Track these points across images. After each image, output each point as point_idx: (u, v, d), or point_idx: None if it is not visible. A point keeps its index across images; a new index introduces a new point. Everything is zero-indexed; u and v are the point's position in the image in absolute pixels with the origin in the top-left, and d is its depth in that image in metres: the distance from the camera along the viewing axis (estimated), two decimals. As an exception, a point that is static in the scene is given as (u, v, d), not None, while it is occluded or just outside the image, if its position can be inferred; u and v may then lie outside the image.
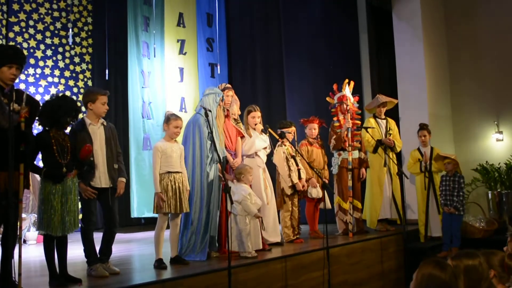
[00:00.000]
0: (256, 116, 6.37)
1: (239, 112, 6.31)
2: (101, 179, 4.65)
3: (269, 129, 6.42)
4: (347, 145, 7.02)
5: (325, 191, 6.66)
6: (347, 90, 7.20)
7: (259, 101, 9.47)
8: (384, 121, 7.69)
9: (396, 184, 7.53)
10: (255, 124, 6.34)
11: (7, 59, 3.97)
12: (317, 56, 9.52)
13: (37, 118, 4.27)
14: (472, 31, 9.18)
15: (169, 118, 5.18)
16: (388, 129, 7.63)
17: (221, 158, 5.37)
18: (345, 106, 7.10)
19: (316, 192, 6.76)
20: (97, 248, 4.74)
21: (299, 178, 6.57)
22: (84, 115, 4.86)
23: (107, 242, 4.79)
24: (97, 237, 4.74)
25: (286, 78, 9.79)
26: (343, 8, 9.62)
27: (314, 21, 9.62)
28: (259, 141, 6.29)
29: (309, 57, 9.59)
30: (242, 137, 6.12)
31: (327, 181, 7.03)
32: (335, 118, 7.19)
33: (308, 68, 9.57)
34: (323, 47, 9.49)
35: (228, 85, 6.12)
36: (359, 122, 7.30)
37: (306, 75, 9.56)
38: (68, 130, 4.84)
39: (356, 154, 7.15)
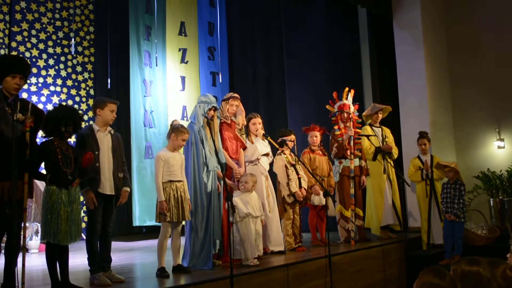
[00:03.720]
0: (257, 123, 6.39)
1: (245, 123, 6.28)
2: (106, 186, 4.67)
3: (269, 138, 6.43)
4: (349, 153, 7.04)
5: (330, 198, 6.66)
6: (349, 98, 7.22)
7: (261, 110, 9.50)
8: (379, 129, 7.73)
9: (395, 190, 7.54)
10: (256, 130, 6.36)
11: (11, 69, 4.00)
12: (318, 64, 9.55)
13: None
14: (473, 39, 9.21)
15: (180, 130, 5.15)
16: (384, 137, 7.67)
17: (221, 163, 5.36)
18: (345, 114, 7.13)
19: (318, 199, 6.76)
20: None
21: (300, 186, 6.58)
22: (92, 122, 4.91)
23: (105, 249, 4.80)
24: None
25: (287, 87, 9.82)
26: (343, 17, 9.67)
27: (315, 29, 9.66)
28: (261, 146, 6.30)
29: (310, 65, 9.62)
30: (245, 148, 6.13)
31: (332, 189, 7.03)
32: (336, 127, 7.21)
33: (309, 76, 9.60)
34: (324, 56, 9.53)
35: (235, 95, 6.05)
36: (360, 130, 7.32)
37: (307, 83, 9.59)
38: (72, 139, 4.89)
39: (357, 162, 7.16)
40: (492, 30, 9.01)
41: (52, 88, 9.43)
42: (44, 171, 4.33)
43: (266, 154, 6.39)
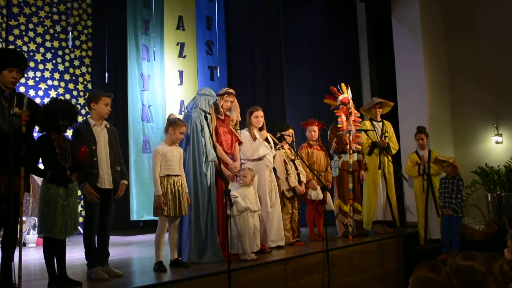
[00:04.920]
0: (259, 116, 6.34)
1: (239, 119, 6.22)
2: (105, 180, 4.67)
3: (269, 134, 6.41)
4: (348, 148, 7.03)
5: (327, 193, 6.66)
6: (349, 92, 7.21)
7: (259, 104, 9.38)
8: (380, 123, 7.72)
9: (391, 186, 7.55)
10: (259, 123, 6.31)
11: (8, 62, 3.98)
12: (316, 59, 9.53)
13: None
14: (471, 34, 9.19)
15: (177, 123, 5.15)
16: (384, 131, 7.66)
17: (217, 154, 5.34)
18: (348, 107, 7.11)
19: (315, 194, 6.76)
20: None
21: (299, 181, 6.57)
22: (88, 116, 4.90)
23: (103, 244, 4.80)
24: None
25: (285, 81, 9.80)
26: (342, 11, 9.65)
27: (313, 24, 9.63)
28: (263, 148, 6.21)
29: (308, 60, 9.60)
30: (240, 143, 6.10)
31: (329, 183, 7.02)
32: (339, 119, 7.17)
33: (307, 71, 9.57)
34: (323, 50, 9.50)
35: (230, 90, 6.02)
36: (359, 124, 7.31)
37: (306, 78, 9.57)
38: (69, 133, 4.87)
39: (355, 156, 7.15)
40: (491, 25, 8.99)
41: (49, 82, 9.40)
42: (41, 166, 4.31)
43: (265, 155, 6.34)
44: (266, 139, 6.34)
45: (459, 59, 9.29)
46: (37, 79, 9.24)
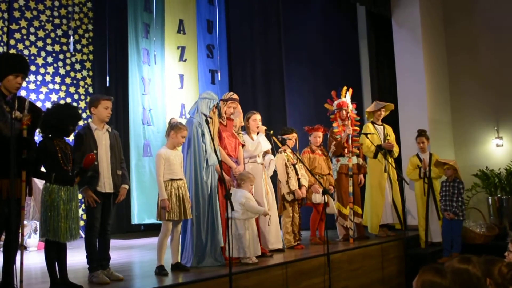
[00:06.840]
0: (257, 119, 6.35)
1: (242, 124, 6.22)
2: (105, 184, 4.68)
3: (272, 136, 6.41)
4: (347, 152, 7.04)
5: (329, 197, 6.66)
6: (347, 96, 7.22)
7: (260, 108, 9.48)
8: (381, 127, 7.73)
9: (396, 189, 7.55)
10: (257, 127, 6.32)
11: (15, 68, 3.99)
12: (317, 62, 9.55)
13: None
14: (472, 37, 9.21)
15: (179, 127, 5.15)
16: (385, 135, 7.66)
17: (219, 159, 5.34)
18: (344, 112, 7.13)
19: (320, 197, 6.76)
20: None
21: (299, 186, 6.57)
22: (89, 120, 4.90)
23: (104, 247, 4.80)
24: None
25: (286, 85, 9.81)
26: (342, 14, 9.67)
27: (314, 27, 9.66)
28: (265, 142, 6.23)
29: (309, 63, 9.63)
30: (243, 146, 6.10)
31: (332, 187, 7.03)
32: (334, 124, 7.21)
33: (308, 74, 9.60)
34: (323, 54, 9.53)
35: (234, 96, 5.99)
36: (358, 128, 7.32)
37: (307, 81, 9.59)
38: (70, 137, 4.88)
39: (354, 160, 7.16)
40: (491, 28, 9.00)
41: (50, 86, 9.42)
42: (43, 170, 4.32)
43: (267, 152, 6.37)
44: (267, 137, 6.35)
45: (459, 61, 9.30)
46: (38, 83, 9.25)
